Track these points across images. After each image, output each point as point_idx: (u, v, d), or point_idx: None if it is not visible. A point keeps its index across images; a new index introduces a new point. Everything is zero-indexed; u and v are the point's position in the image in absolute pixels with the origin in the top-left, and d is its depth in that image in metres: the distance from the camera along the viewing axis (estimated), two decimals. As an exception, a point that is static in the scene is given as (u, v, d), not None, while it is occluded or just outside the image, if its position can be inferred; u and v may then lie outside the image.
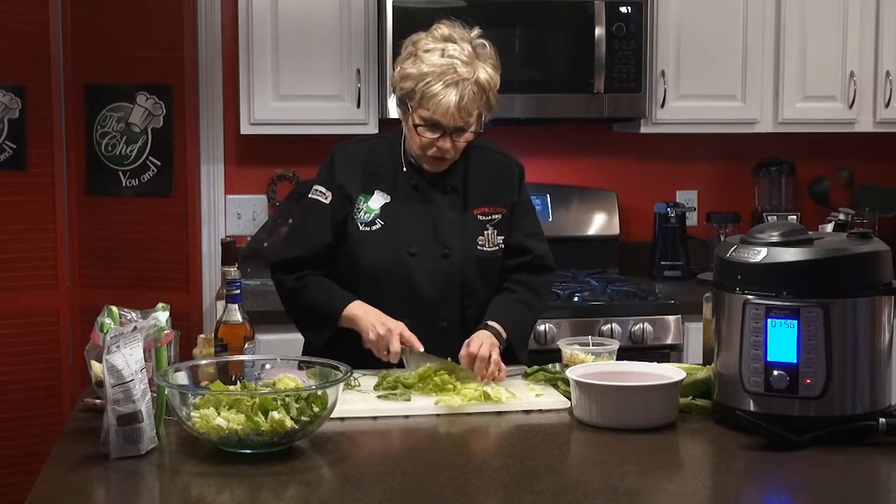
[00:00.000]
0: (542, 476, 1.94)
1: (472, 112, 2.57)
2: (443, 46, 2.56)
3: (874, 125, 4.22)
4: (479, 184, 2.72)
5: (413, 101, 2.57)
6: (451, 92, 2.52)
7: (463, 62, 2.54)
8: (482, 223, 2.70)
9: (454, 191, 2.70)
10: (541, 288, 2.79)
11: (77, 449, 2.04)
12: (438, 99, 2.52)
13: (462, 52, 2.55)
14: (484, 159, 2.75)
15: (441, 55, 2.54)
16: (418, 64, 2.55)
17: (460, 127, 2.58)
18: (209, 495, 1.88)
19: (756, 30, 4.09)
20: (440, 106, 2.53)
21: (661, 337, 3.71)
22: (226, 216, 4.16)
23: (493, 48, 2.63)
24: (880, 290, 2.12)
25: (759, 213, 4.35)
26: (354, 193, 2.68)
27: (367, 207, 2.67)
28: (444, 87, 2.52)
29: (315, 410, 2.01)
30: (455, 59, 2.54)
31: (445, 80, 2.52)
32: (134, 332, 2.02)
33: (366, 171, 2.69)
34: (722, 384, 2.19)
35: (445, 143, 2.59)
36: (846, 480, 1.94)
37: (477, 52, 2.58)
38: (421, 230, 2.65)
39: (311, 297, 2.65)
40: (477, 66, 2.55)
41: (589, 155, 4.41)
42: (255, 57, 3.85)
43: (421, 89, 2.54)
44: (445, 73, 2.53)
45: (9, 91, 4.03)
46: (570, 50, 3.94)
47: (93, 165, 4.11)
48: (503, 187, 2.75)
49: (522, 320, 2.72)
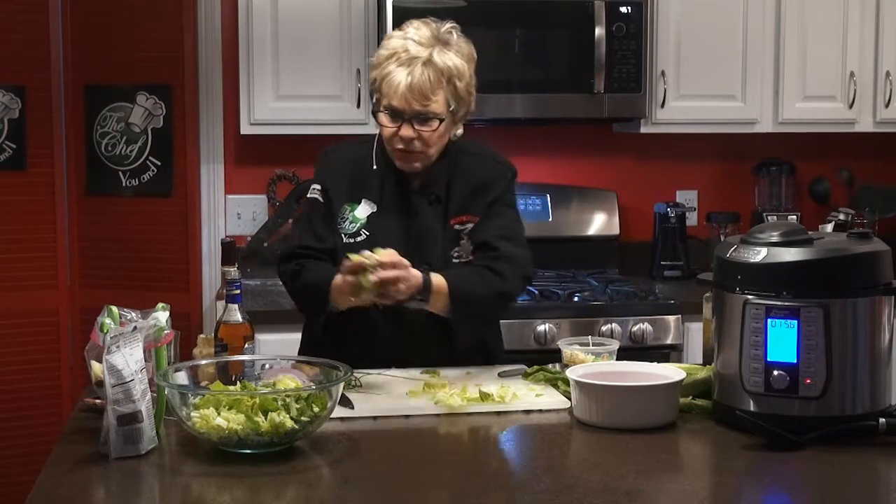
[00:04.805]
0: (542, 476, 1.94)
1: (431, 96, 2.48)
2: (402, 32, 2.54)
3: (874, 125, 4.22)
4: (460, 191, 2.63)
5: (377, 91, 2.54)
6: (402, 71, 2.48)
7: (416, 42, 2.49)
8: (458, 233, 2.61)
9: (438, 200, 2.63)
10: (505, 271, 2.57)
11: (77, 449, 2.04)
12: (390, 79, 2.49)
13: (418, 34, 2.51)
14: (469, 164, 2.66)
15: (400, 37, 2.52)
16: (379, 51, 2.55)
17: (419, 112, 2.49)
18: (209, 495, 1.88)
19: (756, 30, 4.09)
20: (391, 86, 2.48)
21: (661, 337, 3.71)
22: (226, 216, 4.16)
23: (468, 41, 2.58)
24: (880, 290, 2.12)
25: (759, 213, 4.35)
26: (340, 202, 2.63)
27: (353, 217, 2.62)
28: (396, 67, 2.49)
29: (315, 410, 2.01)
30: (409, 39, 2.51)
31: (398, 59, 2.49)
32: (134, 332, 2.02)
33: (351, 179, 2.64)
34: (722, 384, 2.19)
35: (407, 130, 2.51)
36: (846, 480, 1.94)
37: (440, 37, 2.52)
38: (403, 244, 2.55)
39: (305, 277, 2.60)
40: (435, 48, 2.49)
41: (589, 155, 4.42)
42: (255, 57, 3.85)
43: (378, 75, 2.52)
44: (398, 53, 2.50)
45: (9, 91, 4.04)
46: (570, 50, 3.94)
47: (93, 165, 4.11)
48: (485, 194, 2.64)
49: (467, 279, 2.53)
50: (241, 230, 4.14)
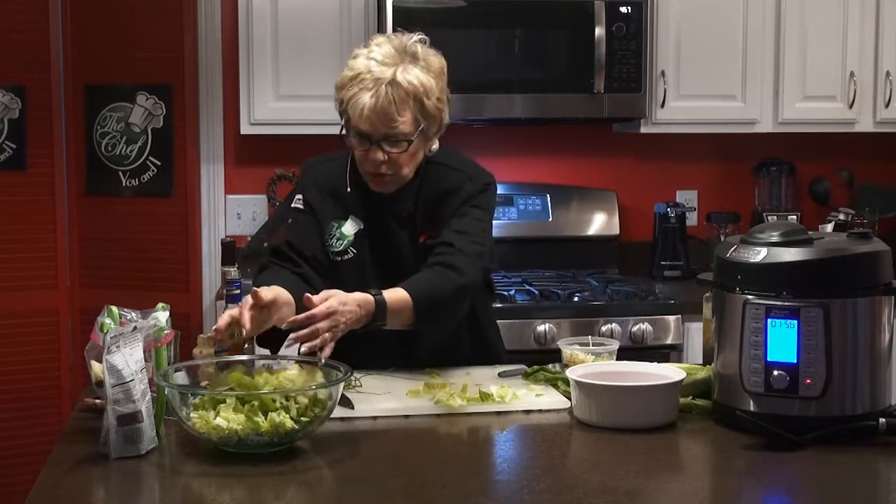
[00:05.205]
0: (542, 476, 1.94)
1: (397, 117, 2.39)
2: (367, 51, 2.44)
3: (874, 125, 4.22)
4: (427, 205, 2.54)
5: (344, 113, 2.46)
6: (366, 94, 2.38)
7: (379, 62, 2.40)
8: (429, 248, 2.51)
9: (408, 218, 2.54)
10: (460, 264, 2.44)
11: (77, 449, 2.04)
12: (354, 102, 2.40)
13: (381, 53, 2.41)
14: (437, 177, 2.55)
15: (365, 57, 2.43)
16: (344, 72, 2.45)
17: (387, 134, 2.41)
18: (209, 495, 1.88)
19: (756, 30, 4.09)
20: (356, 109, 2.40)
21: (661, 337, 3.71)
22: (226, 216, 4.16)
23: (437, 53, 2.48)
24: (880, 290, 2.12)
25: (759, 213, 4.35)
26: (326, 219, 2.58)
27: (341, 234, 2.56)
28: (358, 90, 2.39)
29: (315, 410, 2.01)
30: (372, 59, 2.40)
31: (361, 82, 2.39)
32: (134, 332, 2.02)
33: (336, 195, 2.58)
34: (722, 384, 2.19)
35: (376, 154, 2.43)
36: (846, 480, 1.93)
37: (407, 50, 2.43)
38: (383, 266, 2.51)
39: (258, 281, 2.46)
40: (399, 67, 2.40)
41: (589, 155, 4.42)
42: (255, 57, 3.85)
43: (343, 97, 2.44)
44: (361, 75, 2.40)
45: (9, 91, 4.04)
46: (570, 50, 3.94)
47: (93, 165, 4.11)
48: (449, 203, 2.53)
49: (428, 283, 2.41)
50: (241, 230, 4.14)
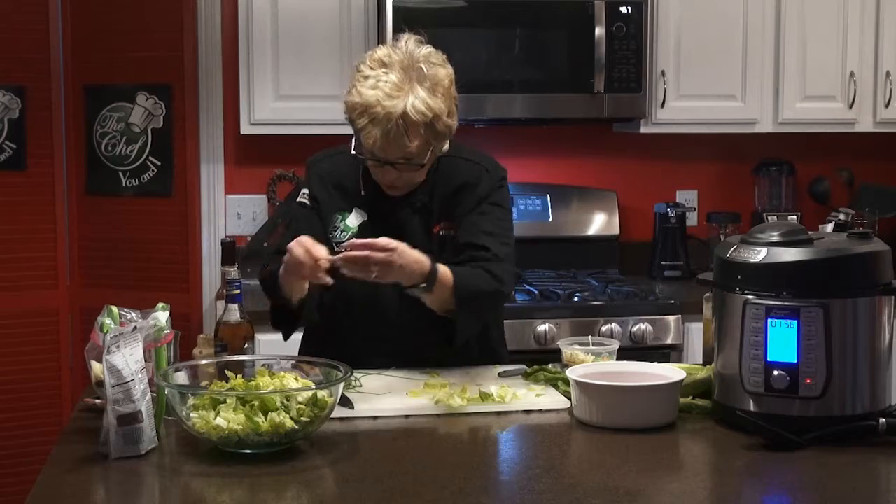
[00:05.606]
0: (542, 476, 1.94)
1: (410, 143, 2.41)
2: (375, 74, 2.41)
3: (874, 125, 4.22)
4: (443, 198, 2.57)
5: (355, 132, 2.47)
6: (377, 129, 2.39)
7: (387, 94, 2.38)
8: (443, 239, 2.56)
9: (423, 208, 2.57)
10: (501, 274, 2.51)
11: (77, 449, 2.04)
12: (366, 133, 2.41)
13: (390, 83, 2.39)
14: (452, 169, 2.59)
15: (372, 86, 2.40)
16: (353, 94, 2.44)
17: (400, 159, 2.45)
18: (209, 495, 1.88)
19: (756, 30, 4.09)
20: (368, 139, 2.41)
21: (661, 337, 3.71)
22: (226, 216, 4.16)
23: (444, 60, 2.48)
24: (880, 290, 2.12)
25: (759, 213, 4.35)
26: (330, 211, 2.61)
27: (345, 226, 2.59)
28: (368, 122, 2.39)
29: (315, 410, 2.01)
30: (380, 90, 2.39)
31: (371, 115, 2.39)
32: (134, 332, 2.02)
33: (342, 188, 2.61)
34: (722, 384, 2.19)
35: (388, 173, 2.48)
36: (846, 480, 1.93)
37: (412, 70, 2.41)
38: None
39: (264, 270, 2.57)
40: (409, 97, 2.39)
41: (589, 155, 4.42)
42: (255, 57, 3.85)
43: (353, 120, 2.44)
44: (371, 107, 2.38)
45: (9, 91, 4.04)
46: (570, 50, 3.94)
47: (93, 165, 4.11)
48: (467, 196, 2.58)
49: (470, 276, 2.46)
50: (241, 230, 4.14)
